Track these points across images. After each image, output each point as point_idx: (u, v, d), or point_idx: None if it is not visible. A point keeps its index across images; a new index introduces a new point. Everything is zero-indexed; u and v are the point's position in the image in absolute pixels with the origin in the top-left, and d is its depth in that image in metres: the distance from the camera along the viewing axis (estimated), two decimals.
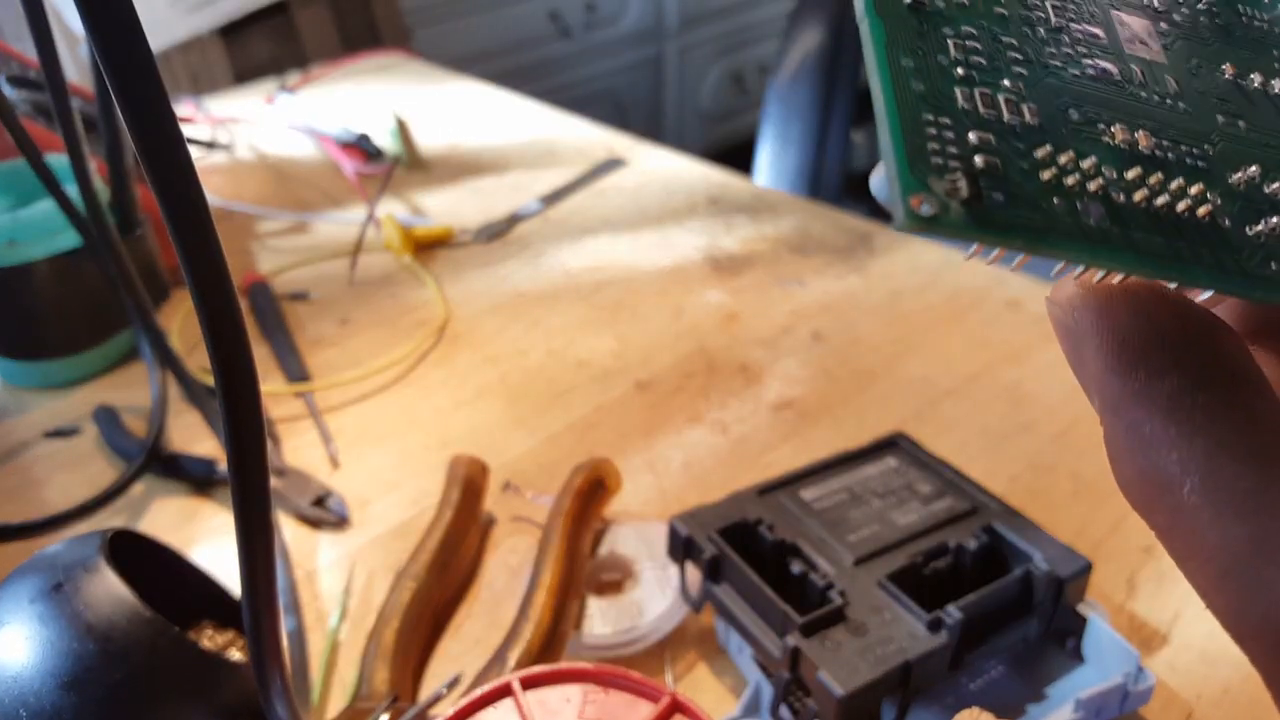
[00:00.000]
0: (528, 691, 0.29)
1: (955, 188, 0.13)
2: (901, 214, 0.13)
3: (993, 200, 0.13)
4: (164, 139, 0.16)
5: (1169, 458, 0.14)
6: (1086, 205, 0.14)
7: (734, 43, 2.12)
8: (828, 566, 0.34)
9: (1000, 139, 0.14)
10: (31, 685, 0.27)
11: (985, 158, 0.14)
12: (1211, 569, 0.14)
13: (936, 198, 0.13)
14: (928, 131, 0.14)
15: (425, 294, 0.64)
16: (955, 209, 0.13)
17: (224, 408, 0.19)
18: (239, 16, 1.15)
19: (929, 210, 0.13)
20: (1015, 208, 0.13)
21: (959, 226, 0.13)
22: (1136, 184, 0.14)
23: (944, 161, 0.13)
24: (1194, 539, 0.14)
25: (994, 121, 0.14)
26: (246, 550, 0.21)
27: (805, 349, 0.57)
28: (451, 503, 0.41)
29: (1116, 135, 0.15)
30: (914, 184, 0.13)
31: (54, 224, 0.51)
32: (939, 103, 0.14)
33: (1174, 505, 0.14)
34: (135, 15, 0.15)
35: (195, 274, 0.18)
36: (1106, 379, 0.15)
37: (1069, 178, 0.14)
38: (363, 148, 0.82)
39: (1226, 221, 0.15)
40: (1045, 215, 0.14)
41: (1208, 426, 0.14)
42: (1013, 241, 0.13)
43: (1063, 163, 0.14)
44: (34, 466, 0.49)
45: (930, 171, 0.13)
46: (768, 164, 1.15)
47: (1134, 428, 0.14)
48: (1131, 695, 0.33)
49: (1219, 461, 0.13)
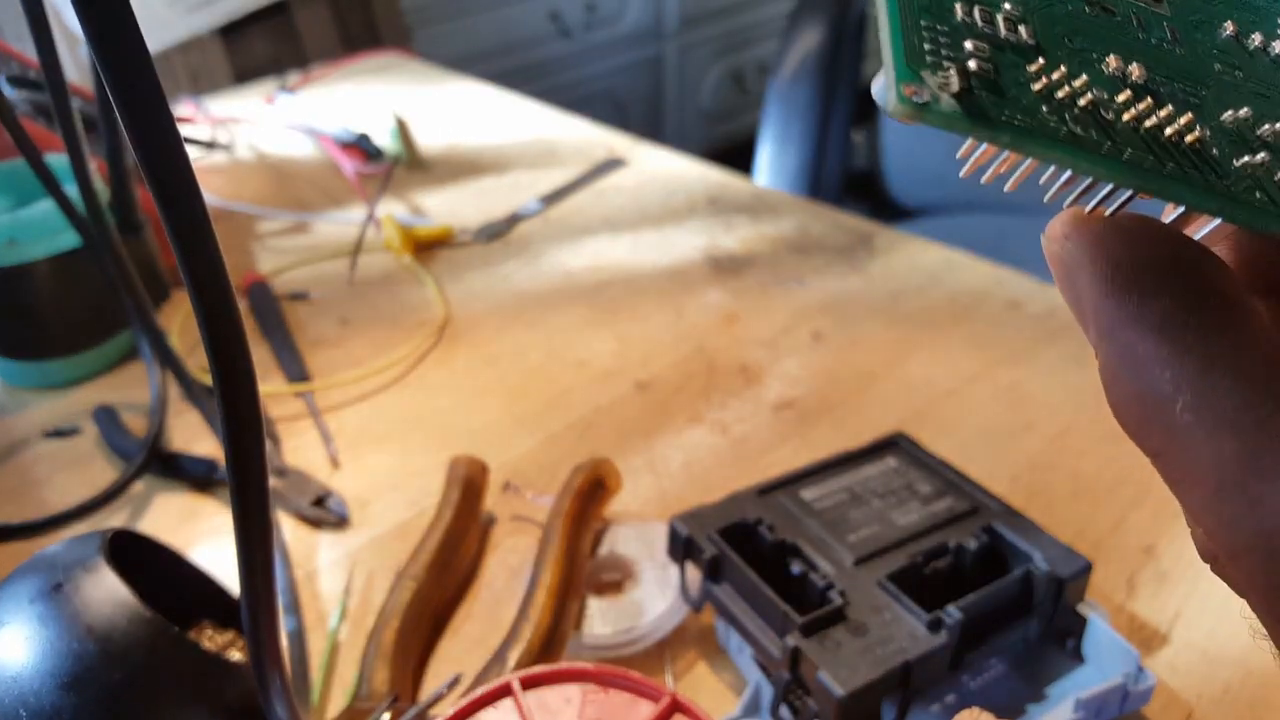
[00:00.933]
0: (528, 691, 0.29)
1: (947, 81, 0.14)
2: (894, 99, 0.13)
3: (983, 97, 0.14)
4: (162, 140, 0.16)
5: (1162, 376, 0.14)
6: (1077, 116, 0.14)
7: (734, 43, 2.12)
8: (828, 566, 0.34)
9: (995, 51, 0.15)
10: (31, 685, 0.27)
11: (979, 63, 0.14)
12: (1204, 487, 0.14)
13: (928, 88, 0.13)
14: (924, 34, 0.14)
15: (425, 294, 0.64)
16: (946, 100, 0.13)
17: (223, 408, 0.19)
18: (239, 16, 1.15)
19: (920, 99, 0.13)
20: (1006, 108, 0.14)
21: (948, 116, 0.13)
22: (1126, 105, 0.15)
23: (938, 60, 0.14)
24: (1187, 457, 0.14)
25: (991, 35, 0.15)
26: (246, 550, 0.21)
27: (805, 349, 0.57)
28: (451, 503, 0.41)
29: (1111, 64, 0.15)
30: (909, 74, 0.14)
31: (54, 224, 0.51)
32: (938, 14, 0.15)
33: (1167, 424, 0.14)
34: (133, 16, 0.15)
35: (193, 274, 0.18)
36: (1101, 304, 0.15)
37: (1060, 90, 0.14)
38: (363, 148, 0.82)
39: (1215, 151, 0.15)
40: (1034, 118, 0.14)
41: (1199, 345, 0.14)
42: (1000, 137, 0.14)
43: (1055, 78, 0.14)
44: (34, 466, 0.49)
45: (925, 66, 0.14)
46: (768, 164, 1.15)
47: (1128, 350, 0.15)
48: (1131, 695, 0.33)
49: (1211, 379, 0.14)
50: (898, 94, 0.13)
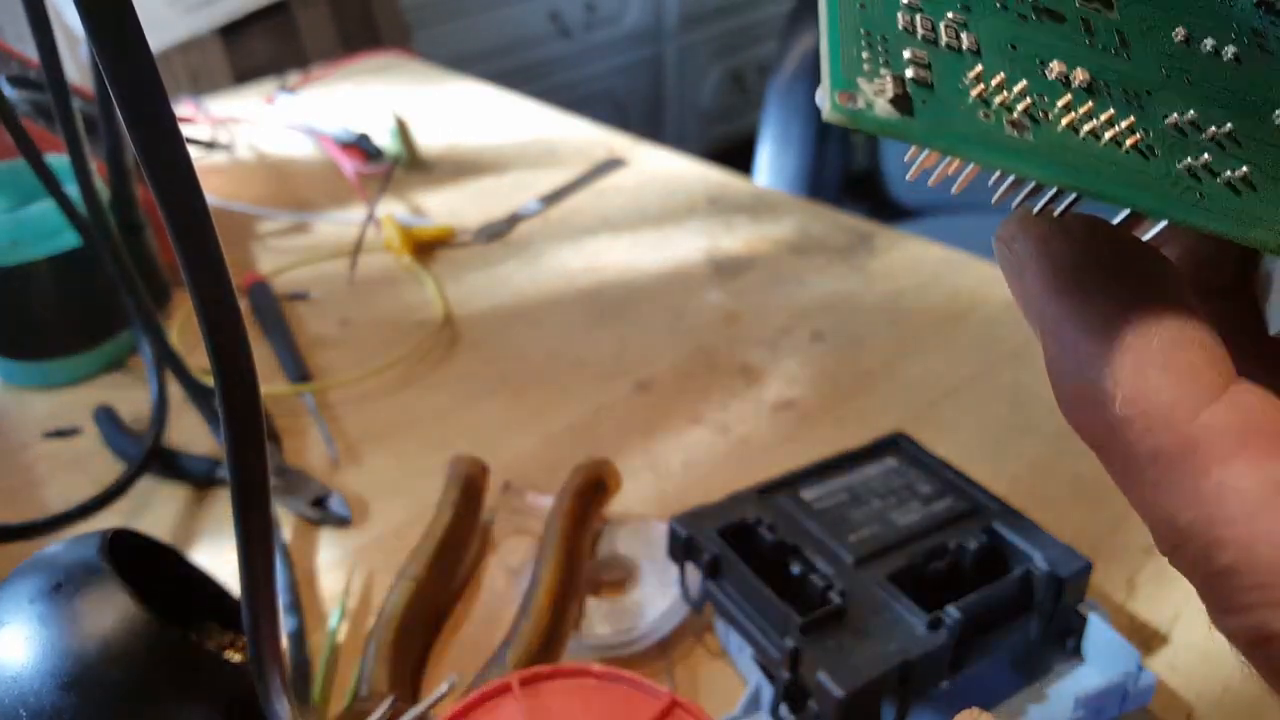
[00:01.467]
0: (527, 691, 0.29)
1: (882, 88, 0.14)
2: (829, 106, 0.13)
3: (919, 104, 0.14)
4: (163, 140, 0.16)
5: (1101, 373, 0.14)
6: (1015, 121, 0.14)
7: (734, 43, 2.12)
8: (828, 567, 0.34)
9: (935, 58, 0.15)
10: (31, 685, 0.27)
11: (917, 70, 0.14)
12: (1143, 482, 0.14)
13: (863, 95, 0.14)
14: (864, 43, 0.14)
15: (425, 294, 0.64)
16: (881, 105, 0.14)
17: (224, 408, 0.19)
18: (239, 16, 1.15)
19: (854, 105, 0.13)
20: (940, 112, 0.14)
21: (881, 122, 0.13)
22: (1067, 109, 0.15)
23: (876, 69, 0.14)
24: (1126, 453, 0.14)
25: (931, 43, 0.15)
26: (246, 550, 0.21)
27: (805, 349, 0.57)
28: (451, 503, 0.41)
29: (1054, 69, 0.15)
30: (843, 82, 0.14)
31: (54, 224, 0.51)
32: (878, 22, 0.15)
33: (1106, 420, 0.14)
34: (135, 16, 0.15)
35: (195, 274, 0.18)
36: (1044, 300, 0.15)
37: (998, 96, 0.14)
38: (363, 148, 0.82)
39: (1156, 152, 0.15)
40: (971, 123, 0.14)
41: (1136, 344, 0.14)
42: (935, 141, 0.14)
43: (994, 83, 0.15)
44: (34, 466, 0.49)
45: (861, 74, 0.14)
46: (768, 164, 1.15)
47: (1069, 347, 0.15)
48: (1131, 695, 0.33)
49: (1145, 376, 0.14)
50: (832, 101, 0.13)
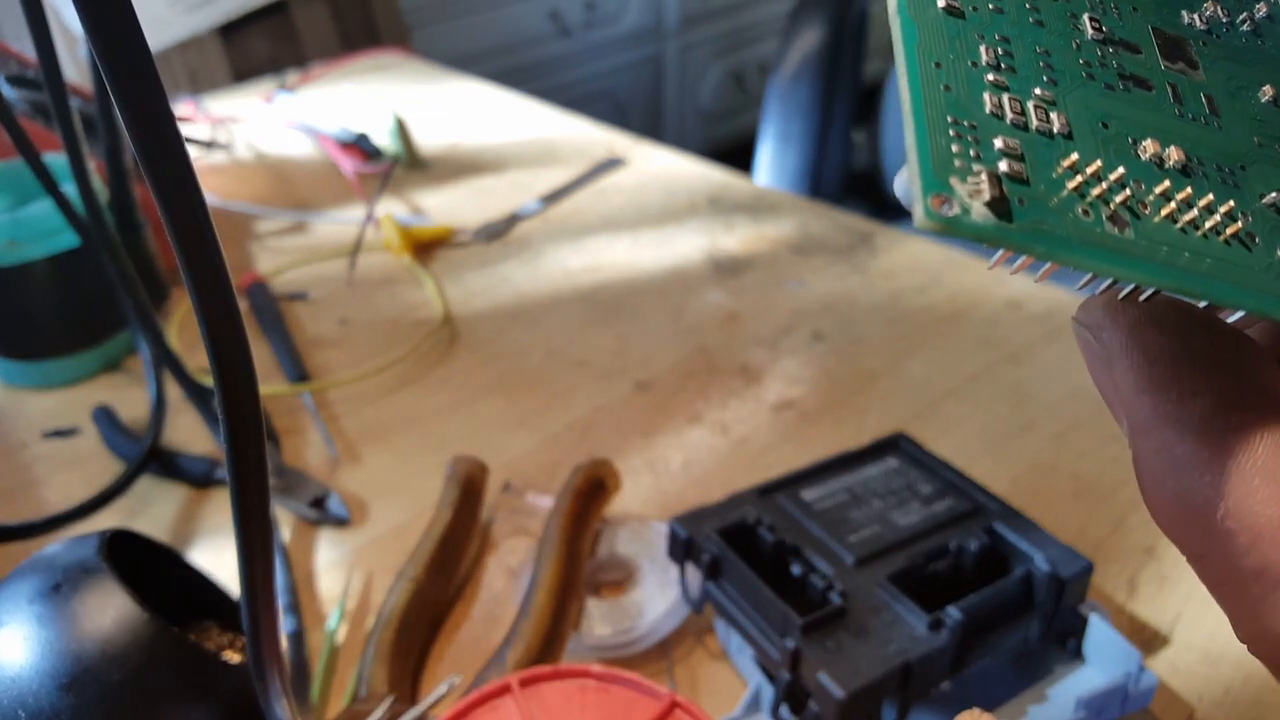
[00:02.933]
0: (527, 692, 0.29)
1: (978, 189, 0.13)
2: (921, 211, 0.13)
3: (1015, 204, 0.13)
4: (162, 139, 0.16)
5: (1201, 480, 0.13)
6: (1113, 215, 0.13)
7: (734, 42, 2.12)
8: (828, 567, 0.34)
9: (1027, 146, 0.14)
10: (30, 686, 0.27)
11: (1010, 163, 0.13)
12: (1247, 597, 0.13)
13: (958, 199, 0.13)
14: (952, 133, 0.13)
15: (425, 294, 0.63)
16: (977, 209, 0.13)
17: (223, 408, 0.19)
18: (238, 16, 1.15)
19: (949, 210, 0.13)
20: (1038, 213, 0.13)
21: (979, 229, 0.13)
22: (1165, 198, 0.14)
23: (967, 164, 0.13)
24: (1229, 565, 0.13)
25: (1022, 128, 0.14)
26: (245, 551, 0.21)
27: (806, 349, 0.57)
28: (451, 503, 0.41)
29: (1148, 149, 0.14)
30: (936, 183, 0.13)
31: (53, 224, 0.51)
32: (966, 106, 0.14)
33: (1207, 530, 0.13)
34: (134, 15, 0.15)
35: (194, 274, 0.17)
36: (1137, 400, 0.14)
37: (1095, 187, 0.14)
38: (362, 147, 0.82)
39: (1256, 239, 0.14)
40: (1069, 223, 0.13)
41: (1241, 449, 0.13)
42: (1034, 248, 0.13)
43: (1090, 171, 0.14)
44: (33, 467, 0.49)
45: (953, 172, 0.13)
46: (768, 163, 1.15)
47: (1165, 450, 0.14)
48: (1132, 696, 0.33)
49: (1252, 486, 0.13)
50: (925, 207, 0.13)
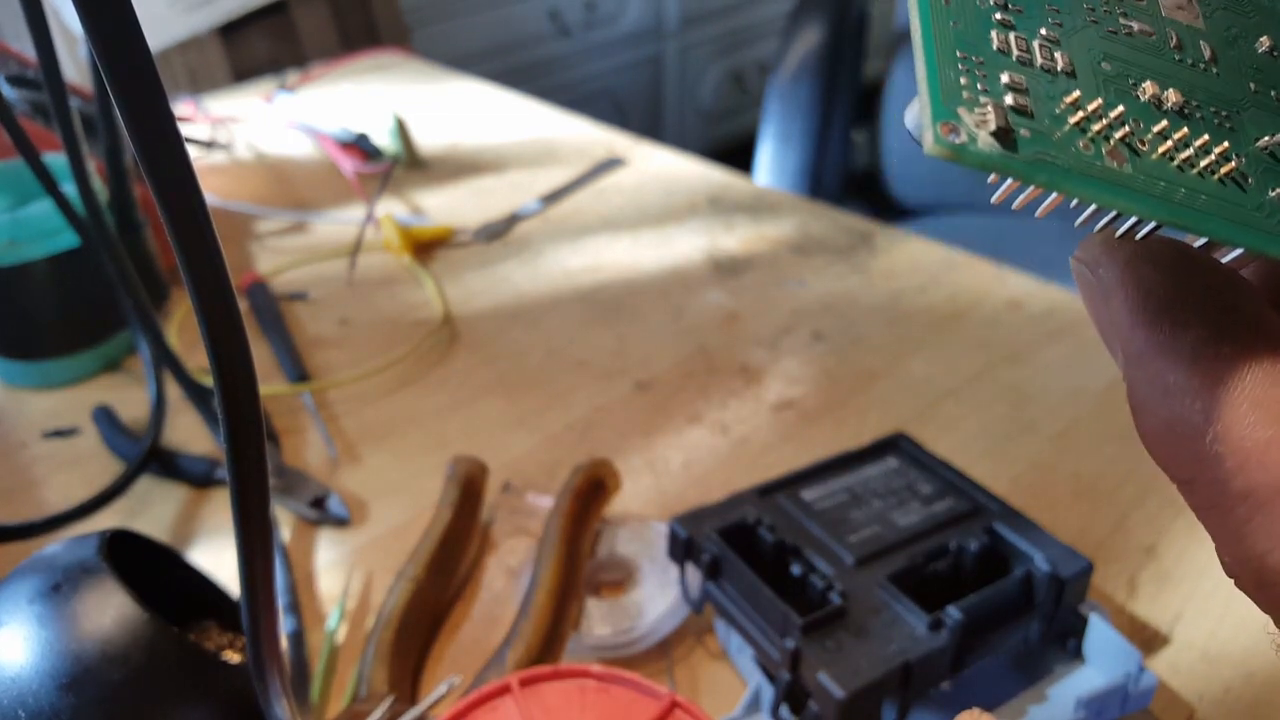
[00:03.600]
0: (527, 692, 0.29)
1: (984, 119, 0.14)
2: (931, 138, 0.13)
3: (1020, 135, 0.14)
4: (162, 139, 0.16)
5: (1192, 407, 0.14)
6: (1112, 150, 0.14)
7: (734, 42, 2.12)
8: (828, 567, 0.34)
9: (1032, 81, 0.14)
10: (30, 686, 0.27)
11: (1015, 97, 0.14)
12: (1233, 519, 0.14)
13: (965, 127, 0.13)
14: (961, 67, 0.14)
15: (425, 294, 0.63)
16: (984, 139, 0.13)
17: (223, 408, 0.19)
18: (238, 15, 1.15)
19: (957, 138, 0.13)
20: (1041, 144, 0.14)
21: (985, 157, 0.13)
22: (1162, 136, 0.15)
23: (975, 95, 0.14)
24: (1216, 489, 0.14)
25: (1027, 64, 0.15)
26: (245, 551, 0.21)
27: (806, 349, 0.57)
28: (451, 503, 0.41)
29: (1147, 90, 0.15)
30: (945, 112, 0.14)
31: (53, 224, 0.51)
32: (974, 42, 0.15)
33: (1196, 455, 0.14)
34: (134, 15, 0.15)
35: (194, 274, 0.17)
36: (1131, 331, 0.15)
37: (1096, 123, 0.14)
38: (362, 147, 0.82)
39: (1249, 180, 0.15)
40: (1071, 155, 0.14)
41: (1230, 377, 0.14)
42: (1037, 177, 0.13)
43: (1091, 109, 0.14)
44: (33, 467, 0.49)
45: (961, 103, 0.14)
46: (768, 163, 1.15)
47: (1157, 379, 0.15)
48: (1132, 696, 0.33)
49: (1240, 412, 0.14)
50: (935, 134, 0.13)
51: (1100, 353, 0.55)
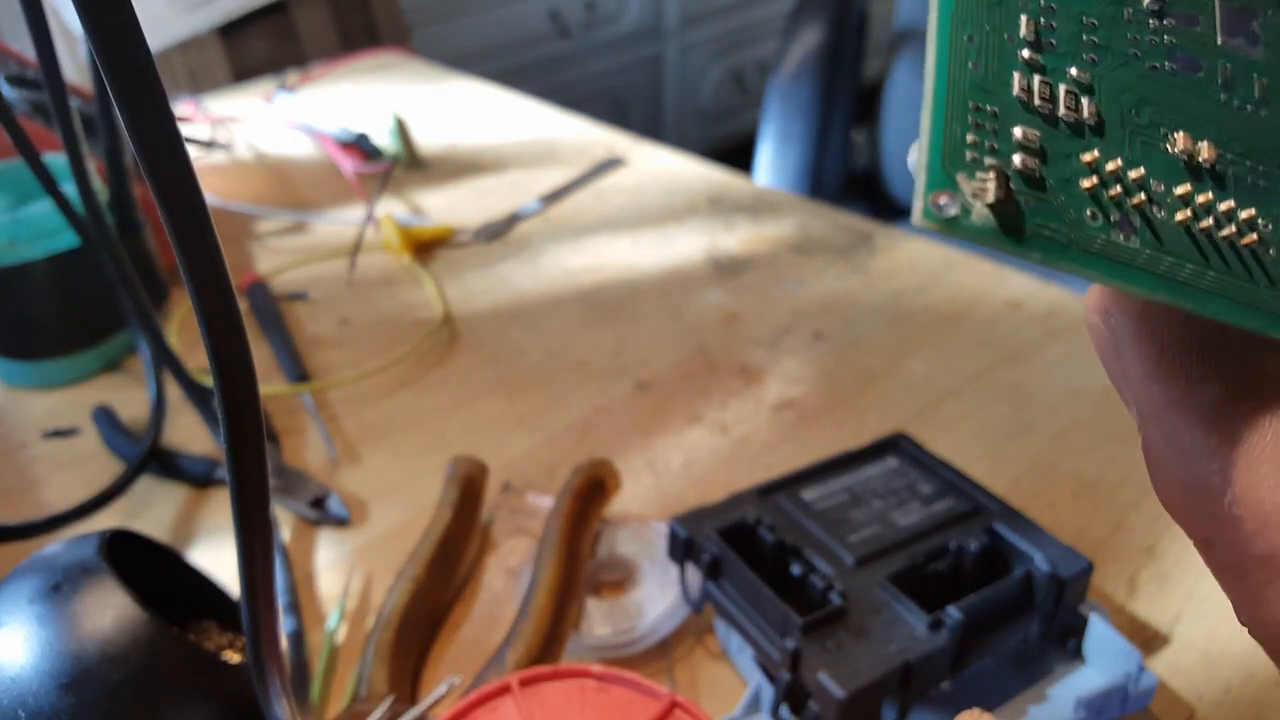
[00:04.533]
0: (527, 692, 0.29)
1: (984, 189, 0.13)
2: (920, 210, 0.12)
3: (1019, 206, 0.13)
4: (162, 139, 0.16)
5: (1209, 468, 0.13)
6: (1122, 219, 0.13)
7: (734, 41, 2.12)
8: (828, 567, 0.34)
9: (1048, 138, 0.13)
10: (30, 686, 0.27)
11: (1025, 158, 0.13)
12: (1251, 582, 0.13)
13: (961, 197, 0.13)
14: (971, 120, 0.13)
15: (425, 294, 0.63)
16: (979, 211, 0.13)
17: (223, 408, 0.19)
18: (238, 15, 1.15)
19: (950, 211, 0.12)
20: (1042, 217, 0.13)
21: (978, 231, 0.13)
22: (1182, 202, 0.14)
23: (980, 156, 0.13)
24: (1234, 551, 0.13)
25: (1047, 115, 0.14)
26: (245, 551, 0.21)
27: (806, 349, 0.57)
28: (450, 503, 0.41)
29: (1178, 142, 0.14)
30: (941, 179, 0.13)
31: (53, 224, 0.51)
32: (993, 89, 0.13)
33: (1215, 516, 0.13)
34: (134, 15, 0.15)
35: (194, 274, 0.17)
36: (1146, 386, 0.14)
37: (1111, 189, 0.13)
38: (362, 147, 0.82)
39: (1271, 251, 0.14)
40: (1071, 228, 0.13)
41: (1249, 437, 0.13)
42: (1032, 254, 0.13)
43: (1109, 169, 0.13)
44: (33, 467, 0.49)
45: (962, 166, 0.13)
46: (768, 163, 1.15)
47: (1174, 437, 0.14)
48: (1132, 696, 0.33)
49: (1260, 474, 0.13)
50: (924, 206, 0.12)
51: None
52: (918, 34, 1.17)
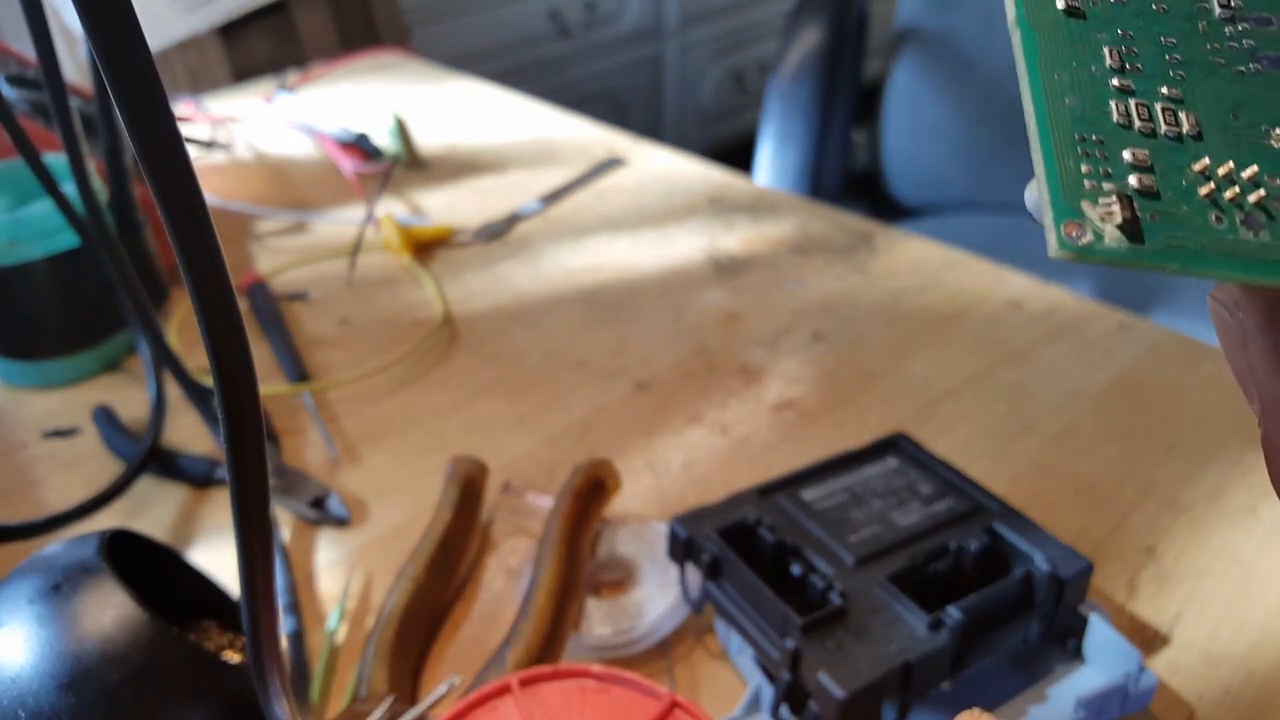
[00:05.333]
0: (527, 692, 0.29)
1: (1110, 211, 0.13)
2: (1055, 242, 0.13)
3: (1148, 223, 0.13)
4: (162, 139, 0.16)
5: None
6: (1246, 218, 0.13)
7: (734, 41, 2.12)
8: (828, 567, 0.34)
9: (1156, 154, 0.14)
10: (30, 686, 0.27)
11: (1140, 177, 0.13)
12: None
13: (1090, 224, 0.13)
14: (1080, 151, 0.13)
15: (424, 294, 0.63)
16: (1110, 234, 0.13)
17: (223, 408, 0.19)
18: (238, 15, 1.15)
19: (1084, 238, 0.13)
20: (1170, 228, 0.13)
21: (1113, 254, 0.13)
22: None
23: (1098, 183, 0.13)
24: None
25: (1150, 135, 0.14)
26: (245, 551, 0.21)
27: (806, 349, 0.57)
28: (450, 503, 0.41)
29: None
30: (1068, 211, 0.13)
31: (53, 224, 0.51)
32: (1092, 119, 0.14)
33: None
34: (134, 15, 0.15)
35: (194, 274, 0.17)
36: (1271, 381, 0.14)
37: (1228, 190, 0.14)
38: (362, 147, 0.82)
39: None
40: (1200, 234, 0.13)
41: None
42: (1168, 266, 0.13)
43: (1222, 174, 0.14)
44: (32, 467, 0.49)
45: (1084, 195, 0.13)
46: (768, 163, 1.15)
47: None
48: (1132, 696, 0.33)
49: None
50: (1059, 237, 0.13)
51: (1100, 353, 0.55)
52: (918, 34, 1.17)
